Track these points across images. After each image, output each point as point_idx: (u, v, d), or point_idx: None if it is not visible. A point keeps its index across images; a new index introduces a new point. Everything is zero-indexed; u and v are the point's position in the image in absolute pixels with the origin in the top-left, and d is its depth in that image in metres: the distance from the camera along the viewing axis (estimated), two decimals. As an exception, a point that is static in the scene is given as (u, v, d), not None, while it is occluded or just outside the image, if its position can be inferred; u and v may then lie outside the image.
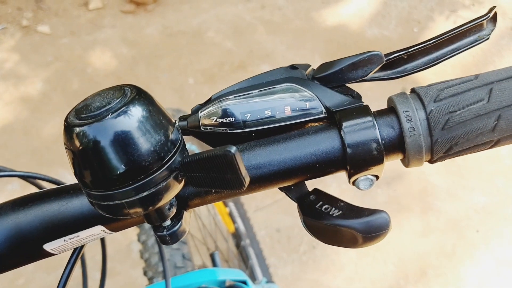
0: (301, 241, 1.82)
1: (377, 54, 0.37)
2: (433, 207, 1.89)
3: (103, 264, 0.60)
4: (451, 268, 1.76)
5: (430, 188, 1.94)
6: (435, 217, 1.87)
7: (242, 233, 1.54)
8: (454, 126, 0.35)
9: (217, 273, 0.84)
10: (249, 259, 1.49)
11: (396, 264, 1.77)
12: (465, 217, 1.87)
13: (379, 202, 1.90)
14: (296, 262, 1.79)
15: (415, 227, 1.85)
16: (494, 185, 1.94)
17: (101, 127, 0.30)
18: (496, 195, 1.92)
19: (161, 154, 0.32)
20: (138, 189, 0.32)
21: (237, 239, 1.53)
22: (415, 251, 1.79)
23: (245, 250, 1.50)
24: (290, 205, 1.89)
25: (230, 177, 0.31)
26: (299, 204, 0.38)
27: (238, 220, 1.55)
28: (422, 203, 1.91)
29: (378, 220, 0.34)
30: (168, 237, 0.36)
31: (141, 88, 0.34)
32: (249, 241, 1.55)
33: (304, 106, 0.37)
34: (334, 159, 0.36)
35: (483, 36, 0.40)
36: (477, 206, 1.89)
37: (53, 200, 0.38)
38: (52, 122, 2.16)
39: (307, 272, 1.77)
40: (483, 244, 1.80)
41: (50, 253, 0.39)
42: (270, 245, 1.82)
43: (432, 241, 1.82)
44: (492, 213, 1.87)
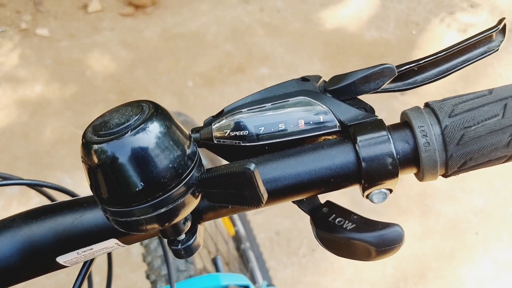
0: (300, 244, 1.83)
1: (389, 67, 0.38)
2: (432, 210, 1.90)
3: (108, 277, 0.60)
4: (451, 270, 1.77)
5: (429, 191, 1.94)
6: (434, 220, 1.88)
7: (242, 236, 1.54)
8: (469, 141, 0.35)
9: (220, 278, 0.84)
10: (249, 262, 1.49)
11: (396, 266, 1.77)
12: (464, 219, 1.88)
13: (378, 204, 1.90)
14: (295, 265, 1.80)
15: (415, 229, 1.86)
16: (493, 187, 1.95)
17: (121, 145, 0.30)
18: (495, 197, 1.92)
19: (179, 170, 0.32)
20: (156, 205, 0.32)
21: (237, 242, 1.53)
22: (415, 254, 1.80)
23: (245, 253, 1.50)
24: (290, 208, 1.89)
25: (248, 193, 0.31)
26: (311, 217, 0.38)
27: (238, 223, 1.55)
28: (421, 205, 1.91)
29: (392, 234, 0.35)
30: (183, 251, 0.36)
31: (159, 104, 0.34)
32: (249, 244, 1.55)
33: (318, 119, 0.37)
34: (349, 173, 0.36)
35: (493, 48, 0.40)
36: (476, 209, 1.90)
37: (66, 212, 0.38)
38: (51, 125, 2.16)
39: (306, 275, 1.78)
40: (482, 246, 1.81)
41: (63, 266, 0.39)
42: (269, 248, 1.82)
43: (431, 244, 1.82)
44: (491, 215, 1.88)
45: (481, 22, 2.44)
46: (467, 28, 2.40)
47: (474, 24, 2.43)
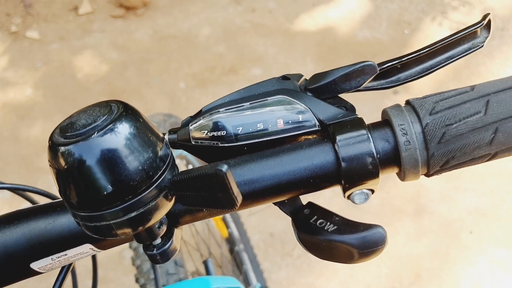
0: (295, 245, 1.82)
1: (370, 65, 0.37)
2: (426, 209, 1.90)
3: (93, 280, 0.58)
4: (445, 270, 1.76)
5: (423, 190, 1.94)
6: (428, 219, 1.87)
7: (236, 238, 1.53)
8: (450, 139, 0.34)
9: (210, 282, 0.83)
10: (243, 264, 1.48)
11: (390, 267, 1.77)
12: (458, 218, 1.87)
13: (372, 205, 1.90)
14: (290, 266, 1.79)
15: (409, 229, 1.85)
16: (487, 186, 1.94)
17: (87, 146, 0.29)
18: (489, 196, 1.92)
19: (149, 172, 0.31)
20: (127, 209, 0.31)
21: (231, 244, 1.52)
22: (409, 254, 1.79)
23: (239, 255, 1.50)
24: (284, 209, 1.88)
25: (221, 196, 0.30)
26: (293, 219, 0.37)
27: (232, 225, 1.54)
28: (415, 205, 1.91)
29: (375, 235, 0.33)
30: (158, 256, 0.35)
31: (129, 104, 0.33)
32: (243, 246, 1.54)
33: (297, 119, 0.36)
34: (329, 174, 0.35)
35: (478, 44, 0.39)
36: (470, 208, 1.90)
37: (39, 217, 0.37)
38: (41, 128, 2.14)
39: (301, 276, 1.77)
40: (477, 245, 1.80)
41: (38, 272, 0.38)
42: (264, 249, 1.81)
43: (426, 243, 1.82)
44: (485, 214, 1.88)
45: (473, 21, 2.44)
46: (459, 27, 2.40)
47: (466, 23, 2.43)
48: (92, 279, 0.59)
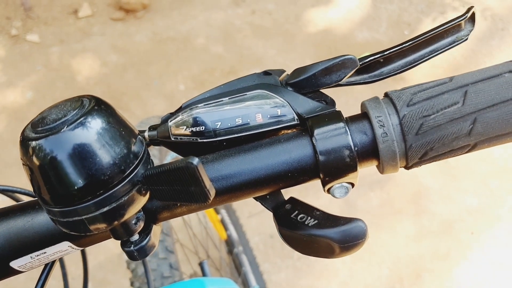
0: (294, 247, 1.81)
1: (350, 58, 0.36)
2: (427, 210, 1.89)
3: (84, 276, 0.58)
4: (446, 270, 1.75)
5: (423, 191, 1.93)
6: (429, 220, 1.86)
7: (235, 240, 1.52)
8: (428, 130, 0.34)
9: (205, 283, 0.82)
10: (242, 266, 1.48)
11: (391, 267, 1.76)
12: (459, 219, 1.86)
13: (372, 205, 1.89)
14: (290, 268, 1.78)
15: (409, 230, 1.84)
16: (487, 186, 1.94)
17: (57, 140, 0.29)
18: (489, 196, 1.91)
19: (121, 167, 0.31)
20: (98, 204, 0.30)
21: (230, 247, 1.51)
22: (410, 254, 1.79)
23: (238, 257, 1.49)
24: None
25: (194, 189, 0.29)
26: (274, 214, 0.37)
27: (230, 227, 1.54)
28: (415, 205, 1.90)
29: (355, 229, 0.33)
30: (136, 252, 0.34)
31: (101, 99, 0.32)
32: (242, 248, 1.54)
33: (275, 113, 0.36)
34: (307, 167, 0.35)
35: (462, 37, 0.39)
36: (471, 208, 1.89)
37: (18, 216, 0.37)
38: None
39: (301, 277, 1.76)
40: (478, 246, 1.80)
41: (18, 271, 0.38)
42: (263, 251, 1.81)
43: (426, 244, 1.81)
44: (486, 215, 1.87)
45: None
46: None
47: (466, 23, 2.42)
48: (83, 275, 0.59)
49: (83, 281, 0.62)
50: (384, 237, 1.83)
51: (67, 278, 0.63)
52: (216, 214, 1.49)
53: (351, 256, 1.78)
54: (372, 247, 1.80)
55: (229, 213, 1.58)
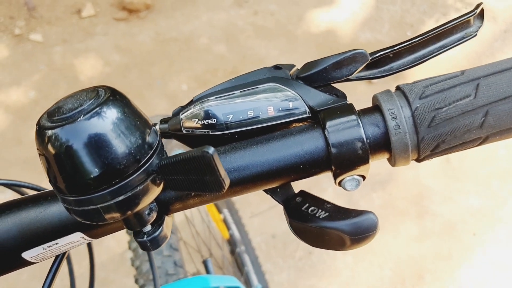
0: (297, 247, 1.81)
1: (361, 52, 0.36)
2: (429, 211, 1.89)
3: (91, 270, 0.58)
4: (448, 272, 1.75)
5: (426, 192, 1.93)
6: (431, 221, 1.86)
7: (237, 239, 1.52)
8: (440, 123, 0.34)
9: (209, 280, 0.83)
10: (244, 265, 1.48)
11: (393, 268, 1.76)
12: (461, 220, 1.87)
13: (374, 206, 1.90)
14: (292, 268, 1.78)
15: (411, 231, 1.84)
16: (490, 187, 1.94)
17: (73, 130, 0.29)
18: (492, 198, 1.91)
19: (137, 156, 0.31)
20: (114, 193, 0.31)
21: (232, 246, 1.51)
22: (412, 255, 1.79)
23: (240, 257, 1.49)
24: (285, 211, 1.88)
25: (209, 179, 0.30)
26: (285, 207, 0.37)
27: (233, 227, 1.54)
28: (417, 206, 1.90)
29: (366, 222, 0.33)
30: (148, 243, 0.34)
31: (116, 90, 0.33)
32: (244, 247, 1.54)
33: (287, 106, 0.36)
34: (319, 159, 0.35)
35: (471, 33, 0.39)
36: (473, 209, 1.89)
37: (30, 207, 0.37)
38: (44, 130, 2.15)
39: (303, 278, 1.76)
40: (480, 247, 1.80)
41: (30, 262, 0.38)
42: (266, 251, 1.81)
43: (428, 245, 1.81)
44: (488, 216, 1.87)
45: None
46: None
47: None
48: (90, 268, 0.59)
49: (89, 275, 0.62)
50: (386, 237, 1.83)
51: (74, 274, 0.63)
52: (218, 214, 1.49)
53: (353, 256, 1.78)
54: (374, 248, 1.80)
55: (231, 213, 1.58)
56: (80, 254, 1.69)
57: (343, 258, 1.78)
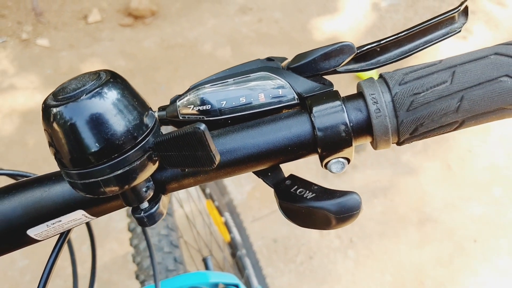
0: (298, 252, 1.82)
1: (348, 45, 0.39)
2: (430, 218, 1.89)
3: (92, 250, 0.60)
4: (449, 278, 1.75)
5: (427, 198, 1.94)
6: (432, 228, 1.87)
7: (238, 243, 1.53)
8: (418, 107, 0.36)
9: (209, 276, 0.84)
10: (245, 269, 1.49)
11: (394, 274, 1.76)
12: (462, 227, 1.87)
13: (376, 212, 1.90)
14: (293, 272, 1.79)
15: (412, 237, 1.85)
16: (491, 194, 1.94)
17: (76, 107, 0.32)
18: (493, 204, 1.91)
19: (134, 134, 0.33)
20: (113, 167, 0.33)
21: (233, 249, 1.53)
22: (413, 261, 1.79)
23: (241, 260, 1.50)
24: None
25: (201, 154, 0.32)
26: (275, 189, 0.39)
27: (234, 230, 1.55)
28: (419, 213, 1.91)
29: (350, 201, 0.35)
30: (145, 218, 0.37)
31: (117, 73, 0.35)
32: (245, 251, 1.55)
33: (277, 93, 0.39)
34: (306, 142, 0.37)
35: (455, 29, 0.41)
36: (474, 216, 1.89)
37: (36, 187, 0.39)
38: (50, 133, 2.17)
39: (304, 282, 1.77)
40: (481, 254, 1.80)
41: (35, 239, 0.40)
42: (267, 255, 1.82)
43: (429, 251, 1.81)
44: (489, 223, 1.87)
45: (477, 30, 2.46)
46: (465, 35, 2.42)
47: (471, 31, 2.45)
48: (91, 248, 0.61)
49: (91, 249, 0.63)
50: (387, 243, 1.83)
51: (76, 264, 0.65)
52: (220, 216, 1.51)
53: (354, 261, 1.79)
54: (375, 254, 1.81)
55: (233, 216, 1.60)
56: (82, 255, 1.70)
57: (343, 262, 1.79)
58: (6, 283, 1.75)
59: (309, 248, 1.83)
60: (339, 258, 1.80)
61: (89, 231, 0.59)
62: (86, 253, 1.71)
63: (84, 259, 1.51)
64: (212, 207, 1.47)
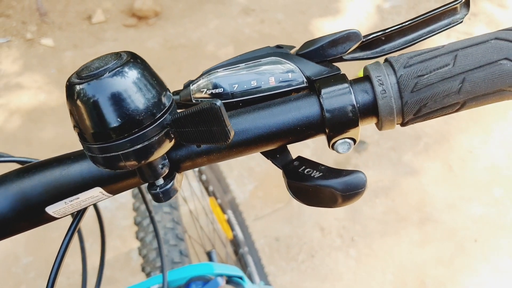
0: (300, 250, 1.83)
1: (354, 32, 0.41)
2: (431, 218, 1.91)
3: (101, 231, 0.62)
4: (450, 277, 1.76)
5: (428, 199, 1.95)
6: (433, 227, 1.88)
7: (241, 240, 1.55)
8: (422, 88, 0.38)
9: (213, 267, 0.86)
10: (248, 266, 1.50)
11: (395, 273, 1.77)
12: (463, 227, 1.88)
13: (377, 212, 1.92)
14: (295, 270, 1.80)
15: (413, 236, 1.86)
16: (492, 195, 1.95)
17: (99, 84, 0.34)
18: (494, 205, 1.93)
19: (153, 111, 0.35)
20: (133, 141, 0.35)
21: (235, 247, 1.54)
22: (414, 261, 1.80)
23: (243, 258, 1.51)
24: (290, 214, 1.91)
25: (216, 129, 0.33)
26: (284, 170, 0.41)
27: (237, 228, 1.57)
28: (420, 213, 1.92)
29: (356, 179, 0.37)
30: (161, 194, 0.39)
31: (137, 54, 0.37)
32: (247, 248, 1.56)
33: (287, 77, 0.40)
34: (314, 123, 0.39)
35: (457, 20, 0.43)
36: (475, 216, 1.90)
37: (55, 166, 0.41)
38: (53, 132, 2.19)
39: (305, 280, 1.78)
40: (481, 253, 1.81)
41: (53, 217, 0.42)
42: (269, 254, 1.83)
43: (430, 251, 1.82)
44: (490, 223, 1.88)
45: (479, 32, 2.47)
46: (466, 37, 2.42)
47: (473, 33, 2.47)
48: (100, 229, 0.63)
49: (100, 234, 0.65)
50: (389, 243, 1.85)
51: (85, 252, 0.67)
52: (223, 214, 1.52)
53: (356, 260, 1.80)
54: (376, 253, 1.82)
55: (235, 214, 1.61)
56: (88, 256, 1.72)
57: (345, 261, 1.80)
58: (10, 280, 1.76)
59: (311, 246, 1.84)
60: (341, 257, 1.81)
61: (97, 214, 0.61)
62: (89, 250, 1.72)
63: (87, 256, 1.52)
64: (215, 204, 1.48)
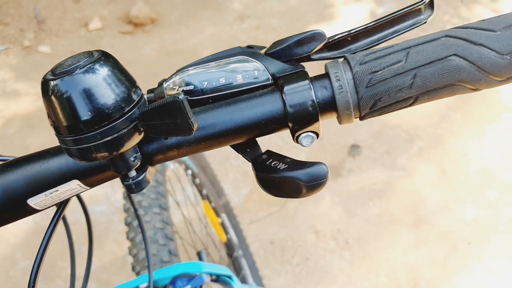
0: (294, 253, 1.85)
1: (319, 33, 0.43)
2: (425, 220, 1.92)
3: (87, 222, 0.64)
4: (444, 280, 1.77)
5: (422, 201, 1.96)
6: (427, 230, 1.89)
7: (235, 244, 1.56)
8: (376, 83, 0.40)
9: (202, 266, 0.87)
10: (242, 269, 1.51)
11: (389, 276, 1.79)
12: (457, 229, 1.89)
13: (371, 214, 1.93)
14: (289, 273, 1.81)
15: (407, 239, 1.87)
16: (485, 198, 1.96)
17: (71, 80, 0.36)
18: (487, 208, 1.94)
19: (122, 105, 0.37)
20: (103, 133, 0.37)
21: (230, 250, 1.55)
22: (408, 263, 1.81)
23: (237, 261, 1.53)
24: (284, 218, 1.92)
25: (180, 122, 0.36)
26: (253, 163, 0.43)
27: (231, 231, 1.58)
28: (414, 215, 1.93)
29: (318, 171, 0.39)
30: (133, 185, 0.41)
31: (108, 53, 0.40)
32: (241, 252, 1.57)
33: (253, 74, 0.43)
34: (278, 117, 0.41)
35: (421, 20, 0.45)
36: (469, 219, 1.91)
37: (36, 160, 0.44)
38: (50, 138, 2.21)
39: (300, 283, 1.79)
40: (475, 256, 1.82)
41: (35, 209, 0.44)
42: (263, 257, 1.85)
43: (424, 253, 1.83)
44: (484, 226, 1.89)
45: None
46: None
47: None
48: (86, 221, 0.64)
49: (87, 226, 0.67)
50: (383, 245, 1.86)
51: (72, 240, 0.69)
52: (216, 217, 1.53)
53: (350, 263, 1.81)
54: (370, 255, 1.83)
55: (229, 217, 1.62)
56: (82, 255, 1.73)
57: (339, 264, 1.81)
58: (8, 283, 1.78)
59: (306, 249, 1.85)
60: (335, 259, 1.82)
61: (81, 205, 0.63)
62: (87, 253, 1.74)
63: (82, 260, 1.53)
64: (208, 207, 1.50)
